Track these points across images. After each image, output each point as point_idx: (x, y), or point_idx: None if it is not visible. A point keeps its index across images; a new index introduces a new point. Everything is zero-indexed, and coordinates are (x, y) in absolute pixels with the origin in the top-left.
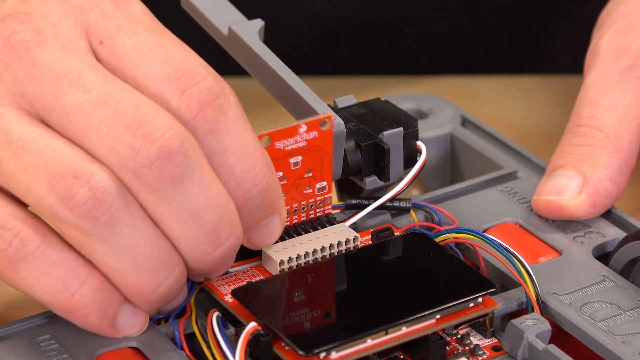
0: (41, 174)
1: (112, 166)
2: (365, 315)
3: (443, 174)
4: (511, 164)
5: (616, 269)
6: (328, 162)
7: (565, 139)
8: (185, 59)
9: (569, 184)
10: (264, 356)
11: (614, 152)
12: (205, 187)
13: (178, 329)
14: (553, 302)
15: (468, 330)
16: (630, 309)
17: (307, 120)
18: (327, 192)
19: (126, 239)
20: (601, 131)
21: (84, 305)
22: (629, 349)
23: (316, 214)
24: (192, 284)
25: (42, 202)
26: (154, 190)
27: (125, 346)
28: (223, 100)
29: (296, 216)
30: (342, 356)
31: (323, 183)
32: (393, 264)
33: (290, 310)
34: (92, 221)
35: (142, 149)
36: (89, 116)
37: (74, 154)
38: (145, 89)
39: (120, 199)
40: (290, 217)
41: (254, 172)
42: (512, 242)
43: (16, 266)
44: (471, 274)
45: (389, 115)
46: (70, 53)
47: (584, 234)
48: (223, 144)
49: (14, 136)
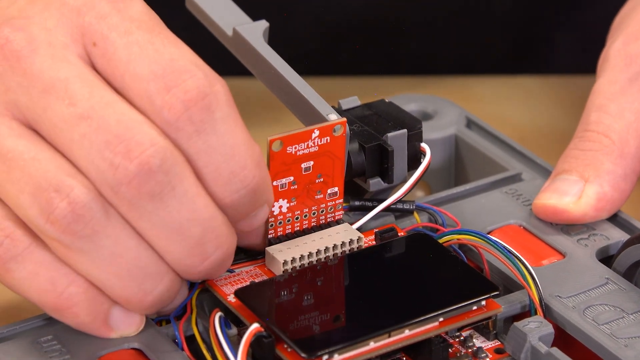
0: (26, 187)
1: (94, 180)
2: (369, 317)
3: (448, 175)
4: (515, 166)
5: (619, 271)
6: (340, 167)
7: (572, 144)
8: (176, 56)
9: (570, 189)
10: (266, 358)
11: (619, 158)
12: (188, 201)
13: (178, 330)
14: (556, 305)
15: (471, 332)
16: (634, 312)
17: (320, 126)
18: (338, 197)
19: (107, 251)
20: (607, 137)
21: (72, 304)
22: (632, 352)
23: (327, 220)
24: (193, 283)
25: (26, 214)
26: (134, 207)
27: (127, 347)
28: (211, 100)
29: (306, 221)
30: (345, 359)
31: (334, 189)
32: (396, 265)
33: (293, 312)
34: (72, 235)
35: (121, 166)
36: (73, 130)
37: (57, 167)
38: (133, 89)
39: (100, 212)
40: (300, 222)
41: (242, 173)
42: (516, 244)
43: (7, 265)
44: (474, 276)
45: (393, 116)
46: (61, 62)
47: (587, 237)
48: (210, 145)
49: (4, 147)
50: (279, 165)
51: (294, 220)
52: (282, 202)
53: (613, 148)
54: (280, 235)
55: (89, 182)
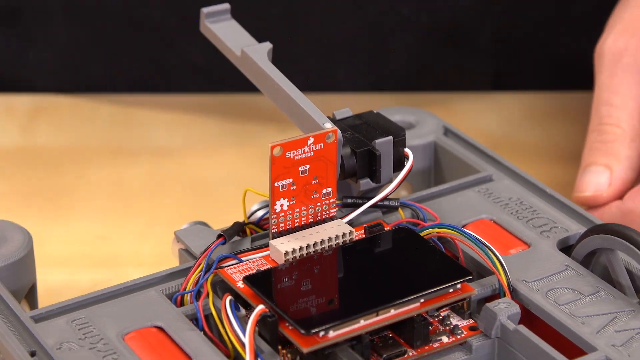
0: None
1: None
2: (359, 299)
3: (428, 176)
4: (487, 169)
5: (577, 259)
6: (333, 170)
7: (592, 137)
8: None
9: (600, 179)
10: (271, 335)
11: (632, 142)
12: None
13: (199, 309)
14: (522, 288)
15: (448, 312)
16: (590, 295)
17: (314, 134)
18: (332, 197)
19: None
20: (619, 127)
21: None
22: (588, 329)
23: (322, 216)
24: (207, 269)
25: None
26: None
27: (151, 325)
28: None
29: (304, 217)
30: (338, 334)
31: (328, 189)
32: (383, 254)
33: (293, 295)
34: None
35: None
36: None
37: None
38: None
39: None
40: (299, 219)
41: None
42: (487, 236)
43: None
44: (451, 263)
45: (380, 125)
46: None
47: (549, 229)
48: None
49: None
50: (280, 168)
51: (294, 216)
52: (283, 201)
53: (625, 135)
54: (282, 230)
55: None
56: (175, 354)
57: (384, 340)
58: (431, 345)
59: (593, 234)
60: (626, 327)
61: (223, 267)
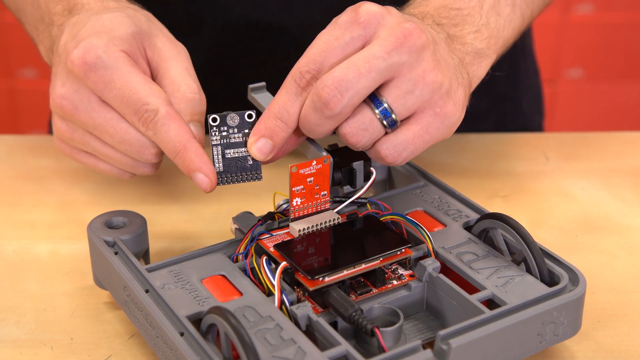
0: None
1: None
2: (343, 258)
3: (384, 184)
4: (420, 180)
5: (475, 234)
6: (327, 181)
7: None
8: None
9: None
10: (290, 280)
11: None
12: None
13: (247, 265)
14: (442, 252)
15: (397, 266)
16: (482, 256)
17: (316, 159)
18: (327, 197)
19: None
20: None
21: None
22: (481, 276)
23: (321, 208)
24: (251, 240)
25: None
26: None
27: (218, 274)
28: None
29: (310, 209)
30: (331, 279)
31: (324, 192)
32: (357, 232)
33: (303, 256)
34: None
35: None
36: None
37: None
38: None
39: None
40: (308, 210)
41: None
42: (420, 219)
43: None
44: (398, 236)
45: (356, 153)
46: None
47: (458, 216)
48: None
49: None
50: (296, 180)
51: (304, 209)
52: (297, 199)
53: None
54: (297, 217)
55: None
56: (232, 291)
57: (358, 283)
58: (386, 286)
59: (484, 219)
60: (504, 275)
61: (261, 239)
